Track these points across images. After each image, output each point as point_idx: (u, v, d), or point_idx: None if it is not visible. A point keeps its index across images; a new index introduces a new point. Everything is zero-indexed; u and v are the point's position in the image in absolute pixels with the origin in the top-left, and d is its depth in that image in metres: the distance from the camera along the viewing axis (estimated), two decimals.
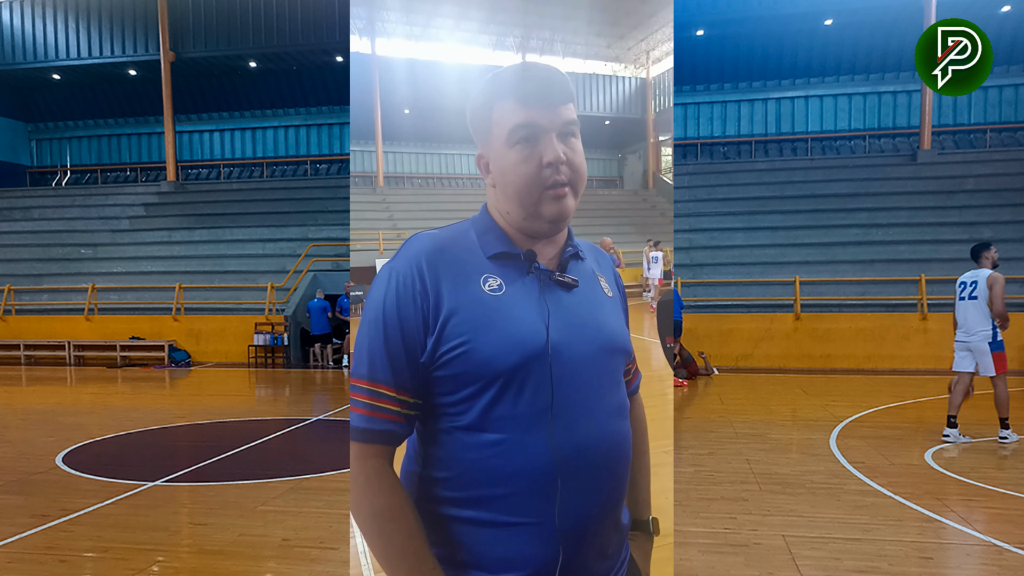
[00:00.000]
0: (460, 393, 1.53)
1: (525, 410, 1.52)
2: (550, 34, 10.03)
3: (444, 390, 1.55)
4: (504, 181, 1.63)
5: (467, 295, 1.55)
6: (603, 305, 1.75)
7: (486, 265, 1.61)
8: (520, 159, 1.59)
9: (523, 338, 1.53)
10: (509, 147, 1.60)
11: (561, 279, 1.66)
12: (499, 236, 1.65)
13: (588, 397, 1.60)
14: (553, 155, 1.58)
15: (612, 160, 21.89)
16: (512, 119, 1.60)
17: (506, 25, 8.52)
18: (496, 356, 1.50)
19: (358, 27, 7.45)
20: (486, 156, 1.67)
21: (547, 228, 1.64)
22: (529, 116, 1.59)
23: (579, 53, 12.73)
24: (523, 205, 1.61)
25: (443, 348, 1.52)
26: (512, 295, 1.58)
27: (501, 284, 1.59)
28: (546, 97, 1.61)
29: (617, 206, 19.61)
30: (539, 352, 1.53)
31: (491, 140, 1.65)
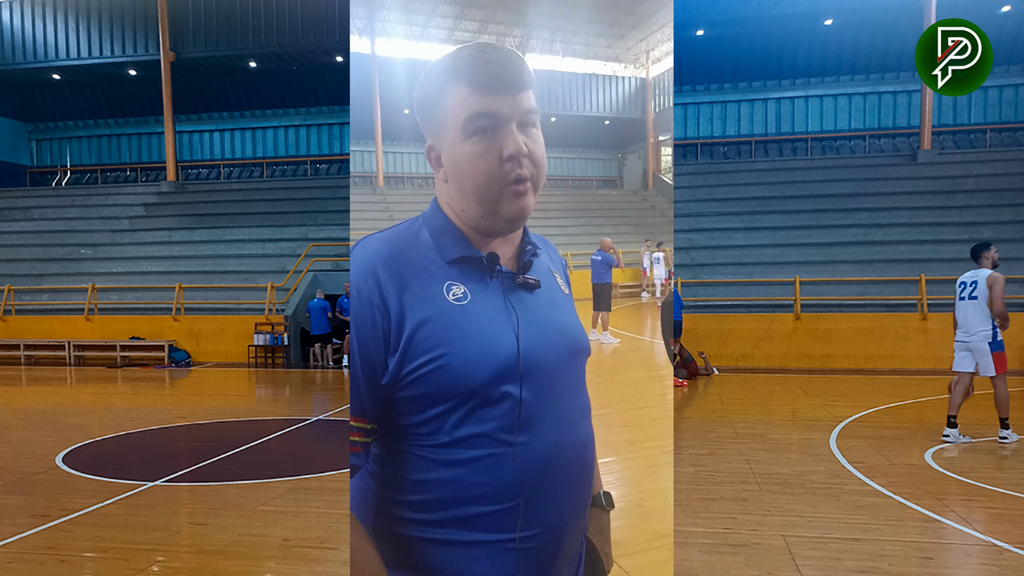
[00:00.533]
0: (428, 412, 1.42)
1: (496, 425, 1.43)
2: (550, 34, 10.05)
3: (410, 410, 1.43)
4: (459, 176, 1.48)
5: (432, 307, 1.43)
6: (563, 304, 1.66)
7: (447, 271, 1.48)
8: (478, 152, 1.44)
9: (494, 351, 1.43)
10: (465, 138, 1.45)
11: (524, 282, 1.55)
12: (457, 238, 1.52)
13: (556, 406, 1.52)
14: (515, 147, 1.44)
15: (612, 160, 21.88)
16: (468, 107, 1.44)
17: (506, 25, 8.54)
18: (468, 372, 1.40)
19: (358, 27, 7.44)
20: (437, 148, 1.52)
21: (505, 227, 1.52)
22: (487, 104, 1.43)
23: (579, 53, 12.72)
24: (481, 202, 1.47)
25: (409, 367, 1.40)
26: (478, 304, 1.47)
27: (466, 292, 1.47)
28: (506, 83, 1.45)
29: (617, 206, 19.62)
30: (511, 364, 1.44)
31: (444, 130, 1.49)
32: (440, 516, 1.45)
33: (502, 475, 1.44)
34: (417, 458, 1.45)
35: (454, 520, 1.45)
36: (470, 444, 1.42)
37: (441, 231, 1.52)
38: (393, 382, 1.42)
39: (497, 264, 1.51)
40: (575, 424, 1.58)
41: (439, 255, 1.49)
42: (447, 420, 1.42)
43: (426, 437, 1.44)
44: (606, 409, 6.03)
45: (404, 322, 1.41)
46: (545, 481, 1.49)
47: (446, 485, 1.44)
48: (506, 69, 1.46)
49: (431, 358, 1.40)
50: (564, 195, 23.55)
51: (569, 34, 11.07)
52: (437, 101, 1.49)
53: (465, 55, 1.47)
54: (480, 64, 1.45)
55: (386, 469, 1.50)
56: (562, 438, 1.53)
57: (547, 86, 16.32)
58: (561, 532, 1.54)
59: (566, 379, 1.57)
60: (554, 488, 1.51)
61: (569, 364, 1.59)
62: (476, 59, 1.46)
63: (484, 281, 1.50)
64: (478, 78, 1.44)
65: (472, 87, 1.44)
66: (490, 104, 1.43)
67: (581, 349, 1.65)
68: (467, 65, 1.46)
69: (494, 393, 1.42)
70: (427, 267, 1.47)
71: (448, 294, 1.45)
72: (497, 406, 1.43)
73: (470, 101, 1.44)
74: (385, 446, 1.49)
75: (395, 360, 1.41)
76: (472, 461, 1.43)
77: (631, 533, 3.90)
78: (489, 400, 1.42)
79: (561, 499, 1.53)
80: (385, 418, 1.46)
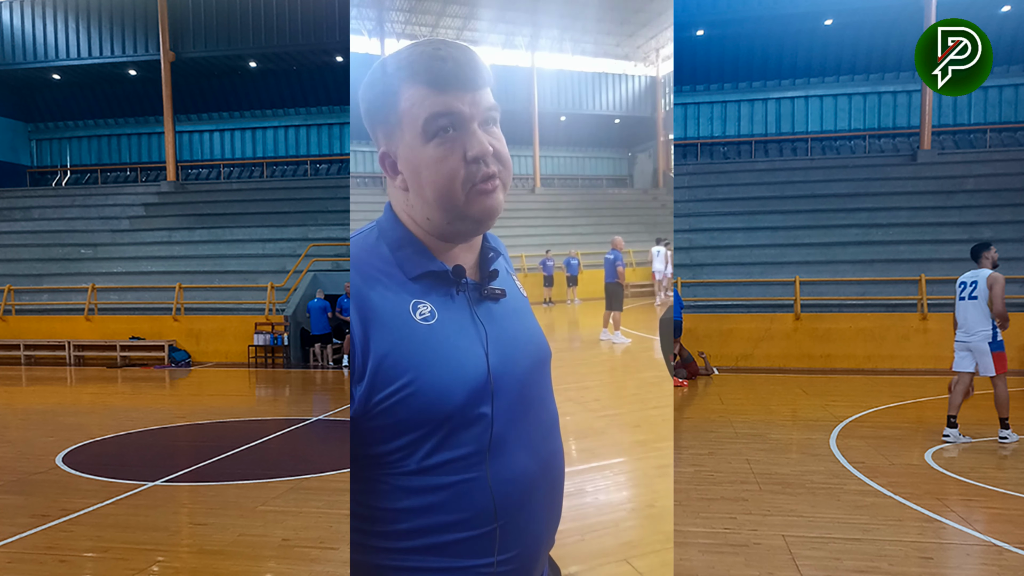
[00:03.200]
0: (400, 440, 1.35)
1: (470, 449, 1.36)
2: (559, 32, 10.02)
3: (380, 438, 1.36)
4: (420, 183, 1.37)
5: (398, 330, 1.34)
6: (525, 311, 1.59)
7: (410, 288, 1.39)
8: (440, 155, 1.35)
9: (466, 372, 1.36)
10: (425, 141, 1.35)
11: (491, 293, 1.47)
12: (418, 251, 1.42)
13: (528, 422, 1.46)
14: (479, 148, 1.35)
15: (622, 159, 21.78)
16: (426, 107, 1.34)
17: (515, 24, 8.51)
18: (441, 397, 1.33)
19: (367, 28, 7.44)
20: (392, 154, 1.40)
21: (473, 229, 1.42)
22: (447, 103, 1.34)
23: (588, 51, 12.65)
24: (446, 208, 1.37)
25: (378, 396, 1.32)
26: (446, 322, 1.38)
27: (432, 310, 1.38)
28: (465, 80, 1.36)
29: (627, 205, 19.59)
30: (484, 383, 1.37)
31: (398, 134, 1.38)
32: (414, 544, 1.39)
33: (478, 500, 1.38)
34: (389, 487, 1.38)
35: (429, 547, 1.39)
36: (444, 471, 1.36)
37: (400, 244, 1.42)
38: (362, 413, 1.34)
39: (463, 277, 1.43)
40: (546, 439, 1.53)
41: (401, 271, 1.40)
42: (421, 447, 1.35)
43: (398, 465, 1.37)
44: (618, 410, 6.01)
45: (368, 349, 1.32)
46: (521, 502, 1.43)
47: (420, 513, 1.37)
48: (463, 66, 1.36)
49: (401, 385, 1.31)
50: (574, 195, 23.37)
51: (579, 33, 11.02)
52: (389, 103, 1.37)
53: (419, 52, 1.37)
54: (436, 61, 1.35)
55: (358, 500, 1.43)
56: (535, 454, 1.47)
57: (556, 85, 16.15)
58: (538, 551, 1.50)
59: (536, 391, 1.51)
60: (530, 507, 1.45)
61: (538, 374, 1.53)
62: (431, 56, 1.36)
63: (450, 295, 1.42)
64: (435, 76, 1.34)
65: (429, 86, 1.34)
66: (450, 103, 1.34)
67: (547, 356, 1.59)
68: (422, 63, 1.36)
69: (468, 415, 1.35)
70: (390, 284, 1.38)
71: (415, 313, 1.36)
72: (471, 429, 1.36)
73: (428, 101, 1.34)
74: (355, 476, 1.43)
75: (361, 390, 1.33)
76: (446, 487, 1.37)
77: (643, 534, 3.92)
78: (463, 424, 1.35)
79: (538, 518, 1.48)
80: (355, 447, 1.38)
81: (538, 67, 11.14)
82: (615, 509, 4.31)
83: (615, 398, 6.23)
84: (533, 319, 1.61)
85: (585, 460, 4.85)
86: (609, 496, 4.44)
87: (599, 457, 5.03)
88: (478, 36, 8.87)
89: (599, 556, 3.71)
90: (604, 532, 3.98)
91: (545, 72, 12.11)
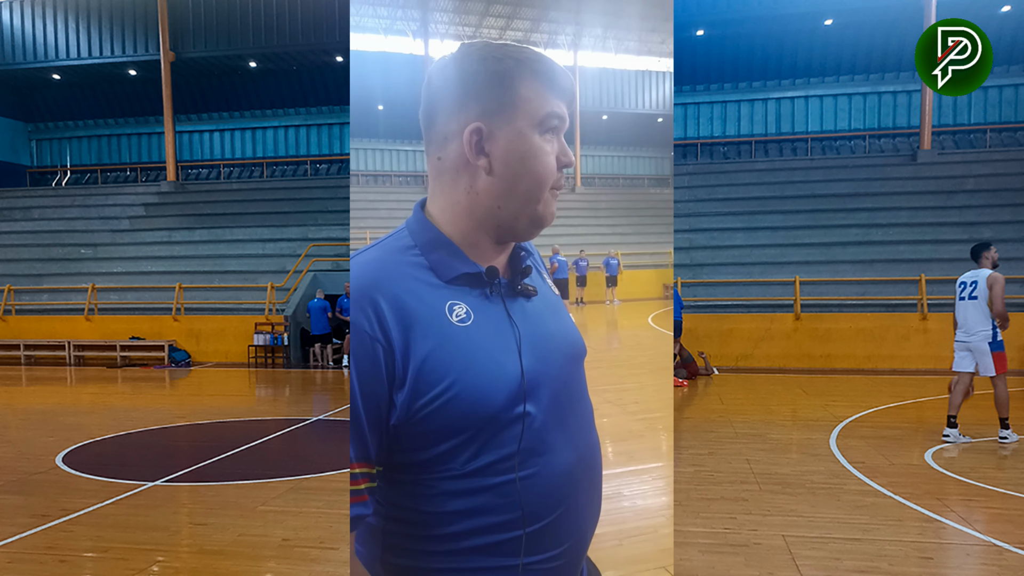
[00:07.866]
0: (443, 445, 1.34)
1: (514, 448, 1.36)
2: (603, 31, 9.97)
3: (423, 444, 1.35)
4: (515, 171, 1.38)
5: (436, 333, 1.33)
6: (558, 308, 1.60)
7: (446, 291, 1.39)
8: (547, 150, 1.38)
9: (506, 373, 1.36)
10: (540, 133, 1.38)
11: (524, 290, 1.49)
12: (452, 252, 1.42)
13: (567, 417, 1.47)
14: (569, 157, 1.42)
15: (664, 159, 21.41)
16: (546, 104, 1.38)
17: (558, 23, 8.44)
18: (483, 399, 1.33)
19: (411, 29, 7.41)
20: (487, 130, 1.38)
21: (532, 233, 1.45)
22: (558, 107, 1.40)
23: (632, 49, 12.54)
24: (527, 202, 1.40)
25: (421, 400, 1.31)
26: (481, 323, 1.39)
27: (468, 312, 1.38)
28: (572, 90, 1.43)
29: (669, 205, 19.55)
30: (522, 382, 1.37)
31: (511, 117, 1.37)
32: (462, 546, 1.38)
33: (525, 499, 1.38)
34: (434, 492, 1.37)
35: (481, 548, 1.38)
36: (490, 471, 1.36)
37: (433, 246, 1.42)
38: (404, 420, 1.33)
39: (497, 277, 1.44)
40: (585, 433, 1.54)
41: (435, 274, 1.40)
42: (466, 450, 1.34)
43: (442, 470, 1.36)
44: (658, 413, 5.95)
45: (410, 352, 1.32)
46: (566, 496, 1.44)
47: (470, 515, 1.37)
48: (570, 80, 1.43)
49: (443, 389, 1.31)
50: (615, 194, 23.06)
51: (622, 31, 10.92)
52: (505, 84, 1.37)
53: (530, 54, 1.41)
54: (549, 66, 1.40)
55: (396, 504, 1.42)
56: (575, 449, 1.48)
57: (599, 84, 15.89)
58: (583, 544, 1.51)
59: (573, 388, 1.53)
60: (574, 502, 1.46)
61: (574, 371, 1.55)
62: (543, 61, 1.41)
63: (484, 296, 1.43)
64: (552, 79, 1.39)
65: (547, 87, 1.39)
66: (560, 108, 1.40)
67: (582, 352, 1.60)
68: (539, 64, 1.39)
69: (511, 415, 1.35)
70: (426, 288, 1.38)
71: (451, 315, 1.37)
72: (513, 428, 1.36)
73: (546, 98, 1.38)
74: (393, 480, 1.41)
75: (403, 396, 1.32)
76: (493, 488, 1.36)
77: None
78: (506, 424, 1.35)
79: (581, 512, 1.49)
80: (394, 455, 1.37)
81: (580, 66, 11.06)
82: (654, 515, 4.24)
83: (655, 400, 6.13)
84: (567, 316, 1.62)
85: (623, 464, 4.79)
86: (647, 501, 4.37)
87: (637, 461, 4.96)
88: (521, 36, 8.80)
89: (637, 562, 3.65)
90: (642, 538, 3.92)
91: (587, 71, 12.04)
